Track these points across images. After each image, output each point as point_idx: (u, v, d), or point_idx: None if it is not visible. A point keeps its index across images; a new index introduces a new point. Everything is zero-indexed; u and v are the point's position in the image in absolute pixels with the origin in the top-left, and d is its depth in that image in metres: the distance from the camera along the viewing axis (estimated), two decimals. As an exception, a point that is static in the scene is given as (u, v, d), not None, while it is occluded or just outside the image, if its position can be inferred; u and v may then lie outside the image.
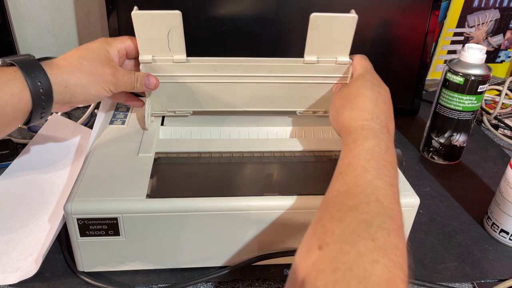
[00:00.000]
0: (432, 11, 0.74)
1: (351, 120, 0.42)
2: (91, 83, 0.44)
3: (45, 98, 0.40)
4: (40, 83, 0.40)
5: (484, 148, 0.74)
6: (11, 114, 0.39)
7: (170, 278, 0.46)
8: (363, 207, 0.32)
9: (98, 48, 0.46)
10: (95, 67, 0.44)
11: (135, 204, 0.42)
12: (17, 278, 0.43)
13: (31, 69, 0.40)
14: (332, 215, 0.32)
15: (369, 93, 0.44)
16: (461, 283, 0.48)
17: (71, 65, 0.43)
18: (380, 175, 0.35)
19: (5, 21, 0.70)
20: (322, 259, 0.29)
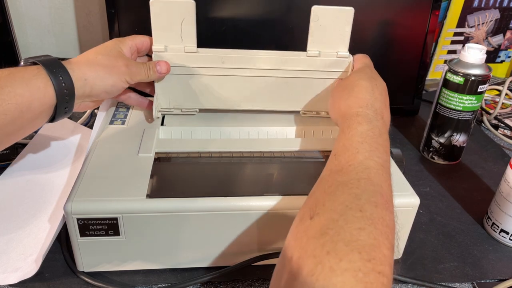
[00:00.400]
0: (432, 11, 0.74)
1: (347, 107, 0.44)
2: (107, 75, 0.46)
3: (67, 92, 0.43)
4: (61, 78, 0.43)
5: (484, 148, 0.74)
6: (38, 108, 0.41)
7: (170, 278, 0.46)
8: (353, 183, 0.33)
9: (111, 45, 0.49)
10: (110, 61, 0.47)
11: (135, 204, 0.42)
12: (17, 278, 0.43)
13: (52, 65, 0.43)
14: (324, 189, 0.34)
15: (366, 83, 0.46)
16: (461, 283, 0.48)
17: (88, 60, 0.46)
18: (372, 156, 0.37)
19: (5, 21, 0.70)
20: (312, 226, 0.31)
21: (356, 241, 0.28)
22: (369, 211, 0.31)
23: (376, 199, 0.32)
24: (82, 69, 0.45)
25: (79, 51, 0.96)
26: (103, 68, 0.46)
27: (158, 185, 0.45)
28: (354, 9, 0.52)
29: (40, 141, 0.64)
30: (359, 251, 0.27)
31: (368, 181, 0.34)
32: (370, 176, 0.34)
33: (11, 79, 0.40)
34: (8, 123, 0.39)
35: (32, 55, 0.98)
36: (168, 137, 0.54)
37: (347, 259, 0.27)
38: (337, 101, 0.47)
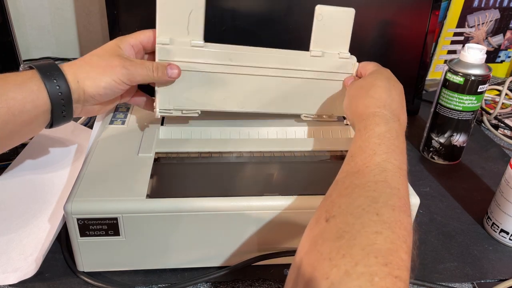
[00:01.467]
0: (432, 11, 0.74)
1: (364, 107, 0.43)
2: (100, 76, 0.44)
3: (62, 95, 0.42)
4: (55, 80, 0.41)
5: (484, 148, 0.74)
6: (32, 111, 0.40)
7: (170, 278, 0.46)
8: (370, 186, 0.33)
9: (109, 45, 0.47)
10: (104, 60, 0.45)
11: (135, 204, 0.42)
12: (17, 278, 0.43)
13: (47, 69, 0.42)
14: (340, 192, 0.34)
15: (384, 84, 0.46)
16: (461, 283, 0.48)
17: (81, 61, 0.45)
18: (389, 158, 0.36)
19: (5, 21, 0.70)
20: (328, 229, 0.30)
21: (372, 245, 0.28)
22: (386, 214, 0.30)
23: (394, 202, 0.32)
24: (74, 70, 0.43)
25: (79, 51, 0.96)
26: (95, 69, 0.44)
27: (158, 185, 0.45)
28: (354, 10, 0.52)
29: (40, 141, 0.64)
30: (376, 255, 0.27)
31: (385, 184, 0.33)
32: (387, 178, 0.34)
33: (3, 82, 0.39)
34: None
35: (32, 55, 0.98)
36: (168, 137, 0.54)
37: (363, 263, 0.26)
38: (353, 101, 0.46)
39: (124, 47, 0.47)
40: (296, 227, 0.45)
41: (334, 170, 0.50)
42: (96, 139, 0.52)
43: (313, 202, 0.44)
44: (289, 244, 0.46)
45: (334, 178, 0.48)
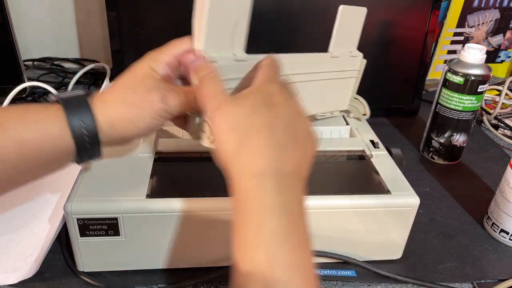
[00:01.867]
0: (432, 11, 0.74)
1: (240, 166, 0.32)
2: (138, 116, 0.37)
3: (88, 139, 0.36)
4: (82, 122, 0.35)
5: (484, 148, 0.74)
6: (51, 153, 0.35)
7: (170, 278, 0.46)
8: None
9: (142, 70, 0.39)
10: (139, 96, 0.37)
11: (135, 204, 0.42)
12: (17, 278, 0.43)
13: (75, 107, 0.36)
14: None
15: (262, 120, 0.33)
16: (461, 283, 0.48)
17: (115, 100, 0.37)
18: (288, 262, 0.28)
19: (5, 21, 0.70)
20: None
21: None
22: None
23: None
24: (108, 113, 0.36)
25: (79, 51, 0.96)
26: (132, 109, 0.37)
27: (158, 185, 0.45)
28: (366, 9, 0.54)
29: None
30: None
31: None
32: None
33: (20, 121, 0.34)
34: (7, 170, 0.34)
35: (32, 55, 0.98)
36: (168, 137, 0.54)
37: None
38: (223, 144, 0.33)
39: (158, 68, 0.39)
40: (296, 227, 0.45)
41: (333, 170, 0.50)
42: (96, 139, 0.52)
43: (313, 201, 0.44)
44: (289, 244, 0.46)
45: (334, 178, 0.48)
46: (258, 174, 0.31)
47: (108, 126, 0.36)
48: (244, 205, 0.31)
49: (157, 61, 0.39)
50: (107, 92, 0.38)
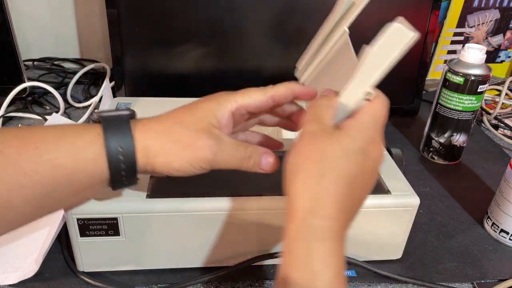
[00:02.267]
0: (432, 11, 0.74)
1: (311, 207, 0.30)
2: (174, 155, 0.34)
3: (125, 167, 0.33)
4: (121, 149, 0.32)
5: (484, 148, 0.74)
6: (84, 181, 0.33)
7: (170, 278, 0.46)
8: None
9: (202, 110, 0.35)
10: (187, 136, 0.34)
11: (135, 204, 0.42)
12: (17, 278, 0.43)
13: (117, 130, 0.33)
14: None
15: (350, 169, 0.31)
16: (461, 283, 0.48)
17: (160, 130, 0.34)
18: None
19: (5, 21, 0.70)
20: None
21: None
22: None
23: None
24: (148, 141, 0.33)
25: (79, 51, 0.96)
26: (173, 144, 0.34)
27: (158, 185, 0.45)
28: None
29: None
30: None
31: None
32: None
33: (57, 144, 0.31)
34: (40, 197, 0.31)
35: (32, 55, 0.98)
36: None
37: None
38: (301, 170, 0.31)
39: (221, 116, 0.35)
40: (296, 227, 0.45)
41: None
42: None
43: (313, 202, 0.44)
44: (289, 244, 0.46)
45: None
46: (323, 227, 0.29)
47: (144, 156, 0.33)
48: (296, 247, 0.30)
49: (222, 103, 0.36)
50: (155, 119, 0.35)
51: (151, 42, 0.72)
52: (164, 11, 0.51)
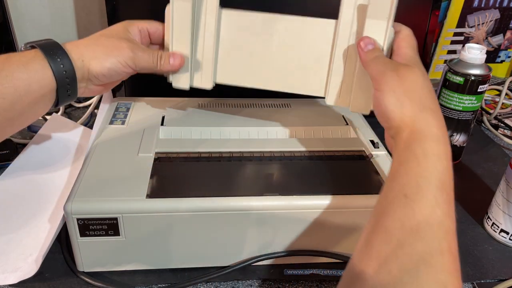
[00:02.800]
0: (432, 11, 0.74)
1: (424, 123, 0.35)
2: (105, 56, 0.43)
3: (67, 73, 0.41)
4: (59, 59, 0.41)
5: (484, 148, 0.74)
6: (38, 91, 0.40)
7: (170, 278, 0.46)
8: (437, 260, 0.28)
9: (118, 26, 0.47)
10: (111, 42, 0.44)
11: (135, 204, 0.42)
12: (17, 278, 0.43)
13: (50, 48, 0.41)
14: (402, 261, 0.29)
15: (432, 89, 0.38)
16: (461, 283, 0.48)
17: (88, 40, 0.44)
18: (449, 211, 0.31)
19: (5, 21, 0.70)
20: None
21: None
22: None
23: (457, 284, 0.28)
24: (80, 50, 0.43)
25: (79, 51, 0.96)
26: (102, 49, 0.43)
27: (158, 185, 0.45)
28: None
29: (40, 141, 0.64)
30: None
31: (450, 256, 0.29)
32: (450, 246, 0.29)
33: (8, 62, 0.39)
34: (7, 108, 0.38)
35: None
36: (168, 137, 0.54)
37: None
38: (406, 106, 0.36)
39: (132, 30, 0.47)
40: (296, 227, 0.45)
41: (333, 170, 0.50)
42: (96, 139, 0.52)
43: (313, 202, 0.44)
44: (289, 244, 0.46)
45: (334, 178, 0.48)
46: (436, 138, 0.34)
47: (79, 61, 0.42)
48: (427, 159, 0.33)
49: (132, 24, 0.48)
50: (80, 40, 0.45)
51: (151, 42, 0.72)
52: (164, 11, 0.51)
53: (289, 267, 0.48)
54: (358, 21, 0.45)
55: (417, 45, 0.43)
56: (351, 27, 0.46)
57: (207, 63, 0.50)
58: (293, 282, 0.47)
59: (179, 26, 0.48)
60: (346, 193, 0.45)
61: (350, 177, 0.49)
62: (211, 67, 0.50)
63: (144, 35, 0.49)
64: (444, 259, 0.28)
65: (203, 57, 0.50)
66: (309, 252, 0.47)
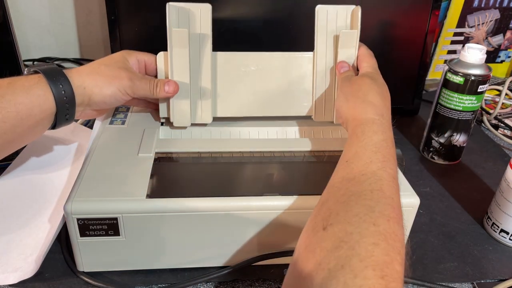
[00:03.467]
0: (432, 11, 0.74)
1: (363, 111, 0.44)
2: (106, 85, 0.46)
3: (67, 99, 0.44)
4: (61, 86, 0.43)
5: (484, 148, 0.74)
6: (38, 115, 0.43)
7: (170, 278, 0.46)
8: (367, 194, 0.33)
9: (117, 56, 0.50)
10: (112, 71, 0.47)
11: (135, 204, 0.42)
12: (17, 278, 0.43)
13: (53, 74, 0.44)
14: (337, 198, 0.34)
15: (380, 90, 0.46)
16: (461, 283, 0.48)
17: (90, 69, 0.47)
18: (384, 167, 0.37)
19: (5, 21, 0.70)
20: (326, 238, 0.30)
21: (370, 257, 0.28)
22: (382, 225, 0.31)
23: (389, 212, 0.32)
24: (82, 77, 0.45)
25: (79, 51, 0.96)
26: (103, 78, 0.46)
27: (158, 185, 0.45)
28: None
29: (40, 141, 0.64)
30: (373, 267, 0.27)
31: (381, 193, 0.34)
32: (382, 187, 0.34)
33: (11, 87, 0.41)
34: (8, 131, 0.40)
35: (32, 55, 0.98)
36: (168, 137, 0.54)
37: (362, 276, 0.27)
38: (351, 101, 0.46)
39: (130, 60, 0.51)
40: (296, 227, 0.45)
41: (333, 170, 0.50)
42: (96, 139, 0.52)
43: (313, 202, 0.44)
44: (289, 244, 0.46)
45: (334, 178, 0.48)
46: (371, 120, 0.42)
47: (81, 89, 0.45)
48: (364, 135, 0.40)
49: (131, 55, 0.51)
50: (84, 66, 0.47)
51: (151, 42, 0.72)
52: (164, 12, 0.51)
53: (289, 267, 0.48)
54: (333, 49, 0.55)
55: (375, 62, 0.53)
56: (326, 56, 0.55)
57: (206, 101, 0.54)
58: (293, 282, 0.47)
59: (178, 70, 0.52)
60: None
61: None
62: (209, 104, 0.54)
63: (141, 66, 0.52)
64: (373, 194, 0.33)
65: (201, 96, 0.54)
66: (309, 252, 0.47)
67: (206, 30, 0.52)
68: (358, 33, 0.53)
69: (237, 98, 0.56)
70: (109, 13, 0.70)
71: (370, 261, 0.28)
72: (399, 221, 0.33)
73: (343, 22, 0.54)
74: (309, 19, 0.53)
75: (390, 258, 0.28)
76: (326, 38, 0.54)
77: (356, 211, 0.32)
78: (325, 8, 0.53)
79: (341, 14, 0.54)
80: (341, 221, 0.31)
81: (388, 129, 0.42)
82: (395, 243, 0.30)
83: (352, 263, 0.28)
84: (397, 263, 0.29)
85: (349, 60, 0.54)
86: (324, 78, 0.56)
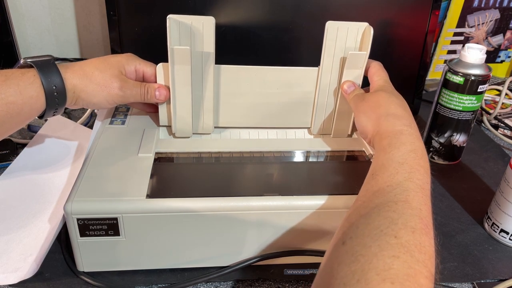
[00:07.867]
0: (432, 11, 0.74)
1: (390, 124, 0.43)
2: (94, 93, 0.47)
3: (58, 100, 0.45)
4: (55, 87, 0.44)
5: (484, 148, 0.74)
6: (28, 113, 0.44)
7: (170, 278, 0.46)
8: (390, 206, 0.32)
9: (114, 61, 0.49)
10: (103, 79, 0.47)
11: (135, 204, 0.42)
12: (17, 278, 0.43)
13: (48, 73, 0.44)
14: (359, 211, 0.33)
15: (399, 102, 0.46)
16: (461, 283, 0.48)
17: (83, 73, 0.47)
18: (412, 177, 0.35)
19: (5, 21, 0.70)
20: (344, 251, 0.30)
21: (388, 270, 0.27)
22: (405, 237, 0.29)
23: (414, 223, 0.31)
24: (74, 81, 0.46)
25: (79, 51, 0.96)
26: (93, 86, 0.47)
27: (158, 185, 0.45)
28: None
29: (40, 141, 0.64)
30: (392, 281, 0.26)
31: (406, 204, 0.32)
32: (408, 198, 0.33)
33: (5, 86, 0.42)
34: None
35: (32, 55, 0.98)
36: (168, 137, 0.54)
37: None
38: (373, 118, 0.45)
39: (128, 68, 0.50)
40: (296, 227, 0.45)
41: (334, 170, 0.50)
42: (96, 139, 0.52)
43: (313, 202, 0.44)
44: (289, 244, 0.46)
45: (334, 178, 0.49)
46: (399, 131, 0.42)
47: (71, 92, 0.46)
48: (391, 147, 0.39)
49: (130, 62, 0.50)
50: (78, 65, 0.47)
51: (151, 42, 0.72)
52: (164, 12, 0.51)
53: (289, 267, 0.48)
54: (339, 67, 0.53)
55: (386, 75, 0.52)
56: (331, 73, 0.53)
57: (208, 112, 0.54)
58: (293, 282, 0.47)
59: (180, 85, 0.51)
60: (346, 193, 0.45)
61: (350, 177, 0.49)
62: (211, 116, 0.54)
63: (138, 75, 0.52)
64: (398, 206, 0.32)
65: (203, 109, 0.54)
66: (309, 252, 0.47)
67: (209, 45, 0.50)
68: (367, 55, 0.51)
69: (238, 110, 0.55)
70: (109, 13, 0.70)
71: (387, 274, 0.26)
72: (428, 232, 0.31)
73: (353, 40, 0.52)
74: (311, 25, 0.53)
75: (414, 271, 0.27)
76: (333, 55, 0.52)
77: (377, 223, 0.31)
78: (335, 24, 0.51)
79: (352, 31, 0.52)
80: (359, 235, 0.30)
81: (417, 139, 0.40)
82: (420, 255, 0.28)
83: (368, 276, 0.27)
84: (421, 276, 0.27)
85: (356, 80, 0.53)
86: (327, 94, 0.54)
